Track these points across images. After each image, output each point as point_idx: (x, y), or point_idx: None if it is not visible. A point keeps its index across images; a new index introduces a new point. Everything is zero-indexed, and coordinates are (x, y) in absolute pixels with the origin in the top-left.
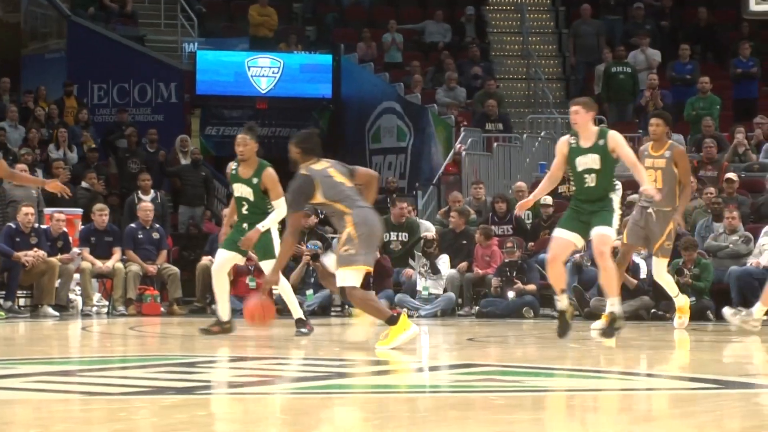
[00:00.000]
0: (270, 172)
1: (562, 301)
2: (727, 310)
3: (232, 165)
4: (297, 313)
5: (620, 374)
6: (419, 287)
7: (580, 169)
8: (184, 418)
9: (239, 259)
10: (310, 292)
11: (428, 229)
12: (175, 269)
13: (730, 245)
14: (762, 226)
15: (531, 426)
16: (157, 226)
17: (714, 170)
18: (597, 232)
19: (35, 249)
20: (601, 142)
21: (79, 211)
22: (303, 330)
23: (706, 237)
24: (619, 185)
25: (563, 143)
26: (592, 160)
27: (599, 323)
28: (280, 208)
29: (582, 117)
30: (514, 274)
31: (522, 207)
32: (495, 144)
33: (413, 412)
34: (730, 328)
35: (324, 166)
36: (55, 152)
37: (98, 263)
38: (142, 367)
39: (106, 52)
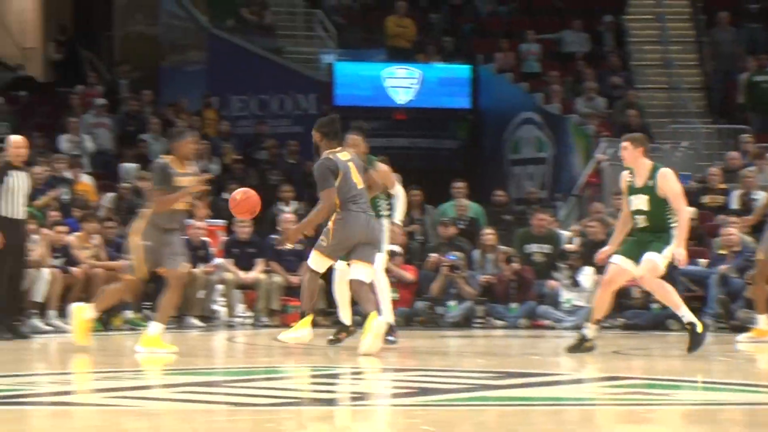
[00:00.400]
0: (382, 166)
1: (590, 331)
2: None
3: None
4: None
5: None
6: (562, 299)
7: (632, 208)
8: (329, 429)
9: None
10: (452, 303)
11: (568, 239)
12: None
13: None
14: None
15: None
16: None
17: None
18: (646, 257)
19: None
20: (650, 182)
21: (222, 222)
22: (391, 338)
23: None
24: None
25: (623, 178)
26: (641, 201)
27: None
28: (400, 194)
29: (630, 153)
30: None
31: (601, 259)
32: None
33: (559, 425)
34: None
35: (346, 158)
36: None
37: (241, 274)
38: (286, 378)
39: (245, 64)
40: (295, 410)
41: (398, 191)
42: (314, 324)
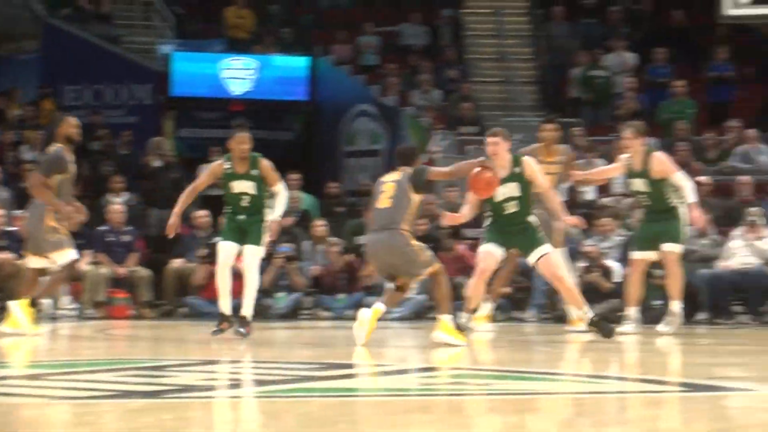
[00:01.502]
0: (265, 162)
1: (465, 320)
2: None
3: (225, 164)
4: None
5: (587, 377)
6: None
7: (499, 198)
8: (150, 421)
9: (239, 251)
10: (281, 294)
11: None
12: (146, 272)
13: (700, 248)
14: (732, 230)
15: (499, 429)
16: (128, 228)
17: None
18: (539, 255)
19: (4, 252)
20: (517, 169)
21: None
22: (242, 330)
23: None
24: None
25: None
26: (510, 189)
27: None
28: (282, 191)
29: (502, 147)
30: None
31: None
32: (469, 147)
33: (382, 416)
34: (697, 331)
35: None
36: (28, 154)
37: None
38: (110, 370)
39: (81, 54)
40: (116, 403)
41: (280, 189)
42: (143, 316)
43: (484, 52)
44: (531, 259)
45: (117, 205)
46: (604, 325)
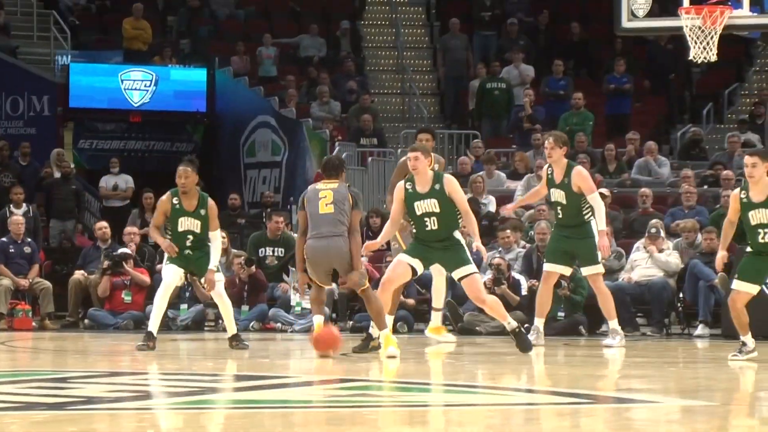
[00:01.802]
0: (212, 203)
1: (375, 330)
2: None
3: (174, 200)
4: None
5: (495, 389)
6: (293, 302)
7: (419, 213)
8: None
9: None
10: (184, 306)
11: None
12: (48, 283)
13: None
14: (634, 242)
15: None
16: (29, 240)
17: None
18: (462, 275)
19: None
20: (437, 186)
21: None
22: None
23: None
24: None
25: (400, 189)
26: (430, 205)
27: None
28: (217, 239)
29: (422, 163)
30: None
31: (369, 248)
32: (370, 158)
33: (285, 428)
34: (601, 343)
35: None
36: None
37: None
38: (12, 382)
39: None
40: (20, 415)
41: (217, 237)
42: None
43: (383, 63)
44: (455, 276)
45: (17, 216)
46: (524, 338)
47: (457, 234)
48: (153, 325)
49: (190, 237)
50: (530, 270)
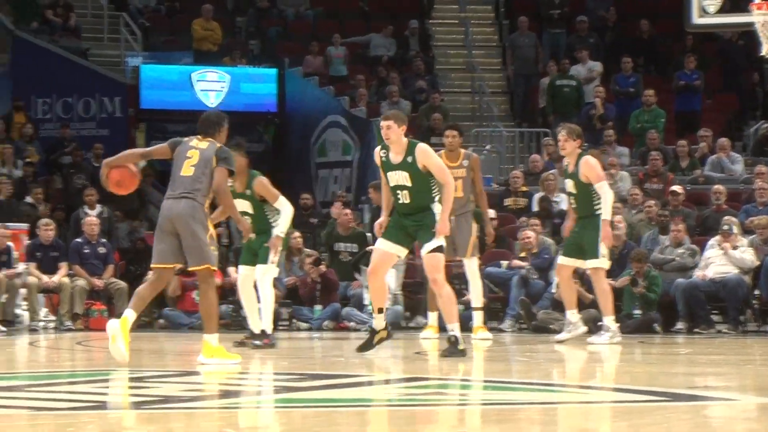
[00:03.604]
0: (260, 180)
1: (378, 321)
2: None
3: (229, 182)
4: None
5: (570, 387)
6: (366, 301)
7: (392, 184)
8: None
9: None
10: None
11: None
12: (123, 283)
13: (676, 258)
14: (707, 239)
15: None
16: (103, 240)
17: (659, 183)
18: (425, 253)
19: None
20: (409, 159)
21: (25, 226)
22: (257, 343)
23: (652, 250)
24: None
25: (377, 155)
26: (401, 177)
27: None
28: (284, 207)
29: (394, 131)
30: (463, 287)
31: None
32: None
33: (361, 426)
34: (676, 341)
35: (195, 144)
36: (1, 168)
37: (45, 278)
38: (89, 382)
39: (50, 67)
40: (97, 414)
41: (281, 204)
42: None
43: (452, 62)
44: (423, 253)
45: (91, 217)
46: (454, 350)
47: (435, 207)
48: (264, 323)
49: (248, 219)
50: None
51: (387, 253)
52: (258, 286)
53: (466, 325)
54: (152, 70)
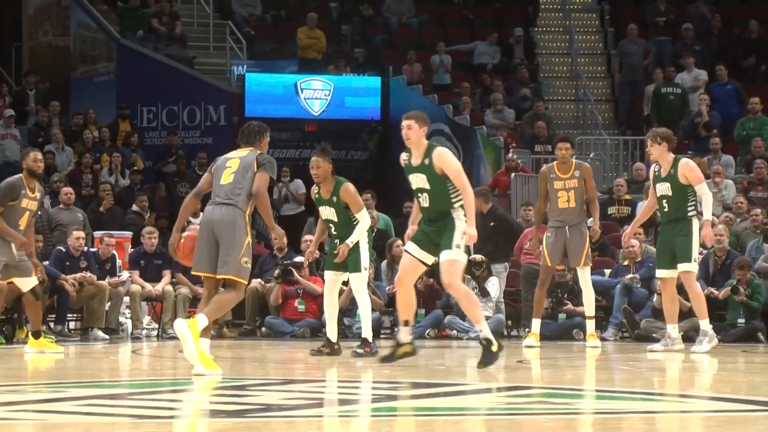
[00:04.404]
0: (346, 187)
1: (403, 334)
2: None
3: (314, 189)
4: (333, 333)
5: (672, 396)
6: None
7: (414, 187)
8: None
9: (344, 277)
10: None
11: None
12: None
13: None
14: None
15: None
16: None
17: (765, 191)
18: (443, 258)
19: (84, 272)
20: (426, 161)
21: (129, 234)
22: (359, 351)
23: (757, 258)
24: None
25: (401, 160)
26: (420, 180)
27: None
28: (363, 220)
29: (415, 132)
30: (565, 296)
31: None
32: (544, 165)
33: None
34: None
35: (235, 154)
36: (108, 176)
37: (148, 286)
38: (192, 390)
39: (155, 75)
40: (201, 423)
41: (362, 216)
42: (223, 336)
43: (556, 70)
44: (441, 257)
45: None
46: (490, 354)
47: (456, 213)
48: (331, 332)
49: (332, 226)
50: (707, 276)
51: (414, 261)
52: (354, 295)
53: (568, 334)
54: (257, 79)
